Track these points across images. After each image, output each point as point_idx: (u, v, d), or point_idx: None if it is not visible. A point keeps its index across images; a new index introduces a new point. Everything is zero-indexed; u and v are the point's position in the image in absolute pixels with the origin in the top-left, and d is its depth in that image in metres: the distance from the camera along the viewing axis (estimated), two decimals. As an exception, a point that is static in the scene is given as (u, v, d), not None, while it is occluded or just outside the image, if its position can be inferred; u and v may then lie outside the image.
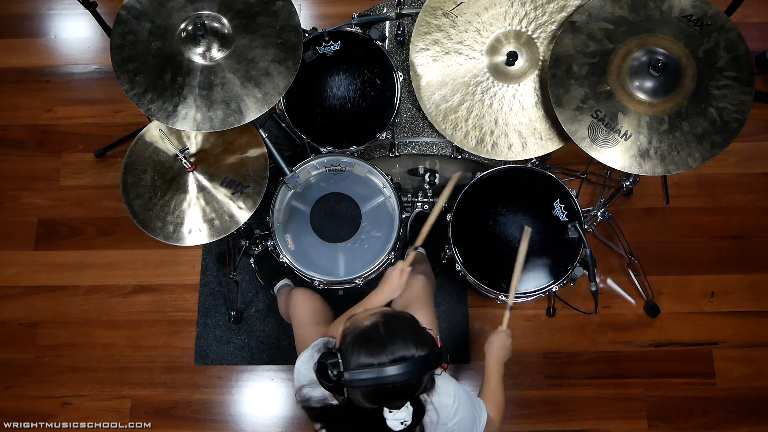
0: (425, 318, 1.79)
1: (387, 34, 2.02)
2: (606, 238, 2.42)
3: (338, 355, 1.18)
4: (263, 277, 2.39)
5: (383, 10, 1.99)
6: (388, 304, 1.79)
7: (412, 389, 1.19)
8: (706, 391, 2.29)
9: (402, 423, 1.20)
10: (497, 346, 1.67)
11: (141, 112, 1.85)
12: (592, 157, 1.61)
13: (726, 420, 2.26)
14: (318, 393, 1.33)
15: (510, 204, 1.88)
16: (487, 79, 1.76)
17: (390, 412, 1.20)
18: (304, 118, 1.87)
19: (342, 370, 1.15)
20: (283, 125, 2.37)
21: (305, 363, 1.43)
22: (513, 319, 2.36)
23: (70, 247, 2.53)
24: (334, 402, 1.27)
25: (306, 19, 2.85)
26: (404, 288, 1.75)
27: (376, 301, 1.66)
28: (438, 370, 1.25)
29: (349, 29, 1.87)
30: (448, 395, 1.39)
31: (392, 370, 1.14)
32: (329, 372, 1.15)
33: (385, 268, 1.91)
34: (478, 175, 1.90)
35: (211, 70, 1.62)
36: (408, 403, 1.21)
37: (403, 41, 2.02)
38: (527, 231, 1.81)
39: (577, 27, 1.64)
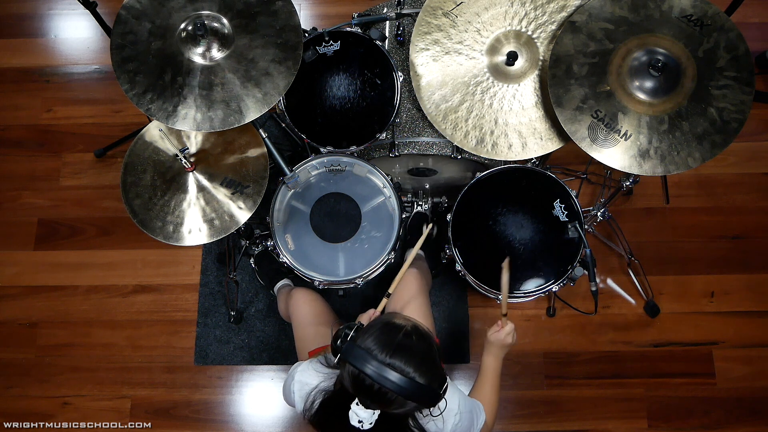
0: (419, 313, 1.79)
1: (387, 34, 2.02)
2: (606, 238, 2.42)
3: (358, 328, 1.28)
4: (263, 277, 2.39)
5: (383, 10, 1.99)
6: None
7: (386, 401, 1.19)
8: (706, 391, 2.29)
9: (359, 422, 1.21)
10: (497, 346, 1.62)
11: (141, 112, 1.85)
12: (592, 157, 1.61)
13: (726, 420, 2.26)
14: (321, 389, 1.34)
15: (510, 204, 1.88)
16: (487, 79, 1.76)
17: (357, 404, 1.21)
18: (304, 118, 1.87)
19: (349, 340, 1.24)
20: (283, 125, 2.37)
21: (305, 371, 1.44)
22: (513, 320, 2.36)
23: (70, 247, 2.53)
24: (332, 388, 1.33)
25: (306, 19, 2.85)
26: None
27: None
28: (426, 411, 1.28)
29: (349, 29, 1.87)
30: (453, 402, 1.40)
31: (379, 369, 1.17)
32: (341, 336, 1.26)
33: (386, 268, 1.91)
34: (478, 175, 1.90)
35: (211, 70, 1.62)
36: (377, 411, 1.22)
37: (403, 41, 2.02)
38: (507, 261, 1.60)
39: (577, 27, 1.64)
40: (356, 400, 1.22)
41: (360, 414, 1.21)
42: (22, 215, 2.58)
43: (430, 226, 1.78)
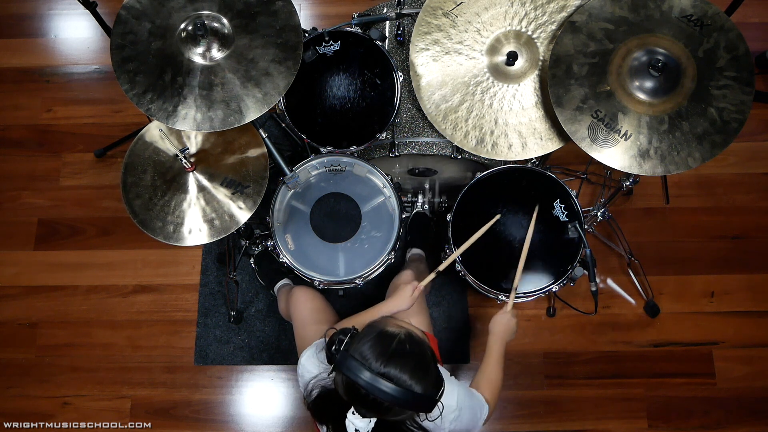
0: (418, 320, 1.79)
1: (387, 34, 2.02)
2: (606, 238, 2.42)
3: (352, 335, 1.24)
4: (263, 277, 2.39)
5: (383, 10, 1.99)
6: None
7: (382, 409, 1.19)
8: (706, 391, 2.29)
9: (355, 430, 1.21)
10: (501, 326, 1.69)
11: (141, 112, 1.85)
12: (592, 157, 1.61)
13: (726, 420, 2.26)
14: (321, 381, 1.35)
15: (510, 204, 1.88)
16: (487, 79, 1.76)
17: (353, 413, 1.21)
18: (304, 118, 1.87)
19: (343, 348, 1.21)
20: (283, 125, 2.37)
21: (310, 359, 1.44)
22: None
23: (70, 247, 2.53)
24: (332, 386, 1.31)
25: (306, 19, 2.85)
26: (395, 282, 1.79)
27: (380, 311, 1.65)
28: (422, 415, 1.26)
29: (349, 29, 1.87)
30: (452, 398, 1.39)
31: (372, 379, 1.16)
32: (335, 343, 1.22)
33: (386, 269, 1.91)
34: (478, 175, 1.90)
35: (211, 70, 1.62)
36: (374, 419, 1.21)
37: (403, 41, 2.02)
38: (536, 209, 1.79)
39: (577, 27, 1.64)
40: (352, 409, 1.21)
41: (356, 423, 1.21)
42: (22, 215, 2.58)
43: (497, 216, 1.81)
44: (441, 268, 1.69)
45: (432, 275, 1.67)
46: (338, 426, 1.31)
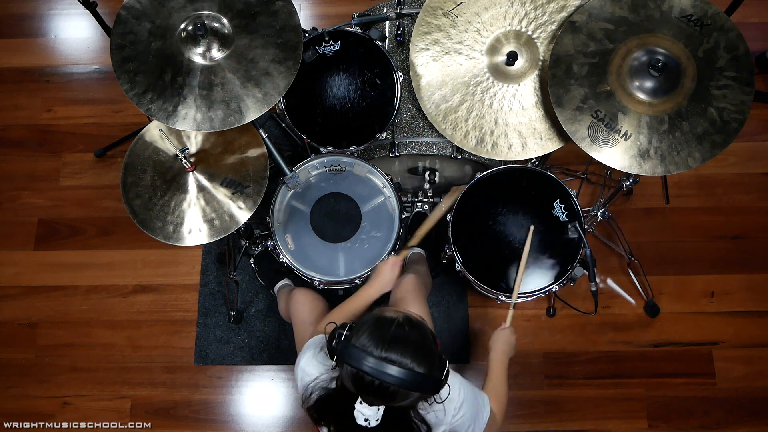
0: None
1: (387, 34, 2.02)
2: (606, 238, 2.42)
3: (351, 327, 1.25)
4: (263, 277, 2.39)
5: (383, 10, 1.99)
6: (383, 301, 1.80)
7: (389, 395, 1.19)
8: (706, 391, 2.29)
9: (365, 420, 1.21)
10: (501, 342, 1.68)
11: (141, 112, 1.85)
12: (592, 157, 1.61)
13: (726, 420, 2.26)
14: (321, 383, 1.35)
15: (510, 204, 1.88)
16: (487, 79, 1.76)
17: (361, 403, 1.21)
18: (304, 118, 1.87)
19: (343, 340, 1.22)
20: (283, 125, 2.37)
21: (310, 361, 1.44)
22: (513, 319, 2.37)
23: (70, 247, 2.53)
24: (333, 386, 1.31)
25: (306, 19, 2.85)
26: (396, 285, 1.77)
27: (366, 295, 1.67)
28: (430, 399, 1.27)
29: (349, 29, 1.87)
30: (453, 390, 1.39)
31: (376, 364, 1.17)
32: (335, 337, 1.23)
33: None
34: (478, 175, 1.90)
35: (211, 70, 1.62)
36: (382, 407, 1.22)
37: (403, 41, 2.02)
38: (531, 230, 1.80)
39: (577, 27, 1.64)
40: (359, 399, 1.22)
41: (365, 412, 1.21)
42: (22, 215, 2.58)
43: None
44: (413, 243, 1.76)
45: (405, 251, 1.72)
46: (340, 425, 1.31)
